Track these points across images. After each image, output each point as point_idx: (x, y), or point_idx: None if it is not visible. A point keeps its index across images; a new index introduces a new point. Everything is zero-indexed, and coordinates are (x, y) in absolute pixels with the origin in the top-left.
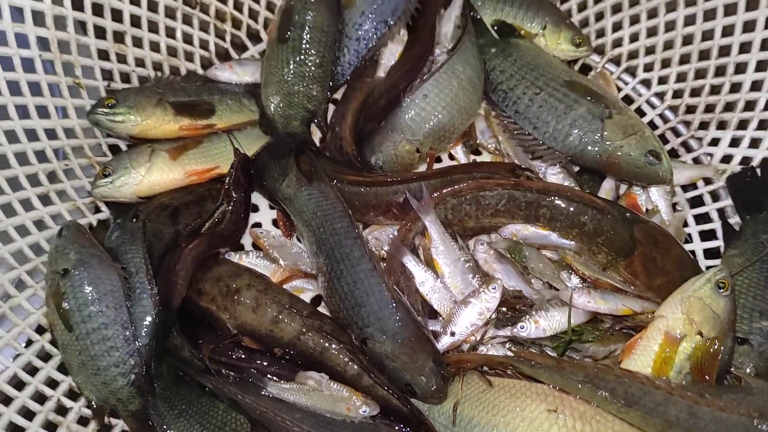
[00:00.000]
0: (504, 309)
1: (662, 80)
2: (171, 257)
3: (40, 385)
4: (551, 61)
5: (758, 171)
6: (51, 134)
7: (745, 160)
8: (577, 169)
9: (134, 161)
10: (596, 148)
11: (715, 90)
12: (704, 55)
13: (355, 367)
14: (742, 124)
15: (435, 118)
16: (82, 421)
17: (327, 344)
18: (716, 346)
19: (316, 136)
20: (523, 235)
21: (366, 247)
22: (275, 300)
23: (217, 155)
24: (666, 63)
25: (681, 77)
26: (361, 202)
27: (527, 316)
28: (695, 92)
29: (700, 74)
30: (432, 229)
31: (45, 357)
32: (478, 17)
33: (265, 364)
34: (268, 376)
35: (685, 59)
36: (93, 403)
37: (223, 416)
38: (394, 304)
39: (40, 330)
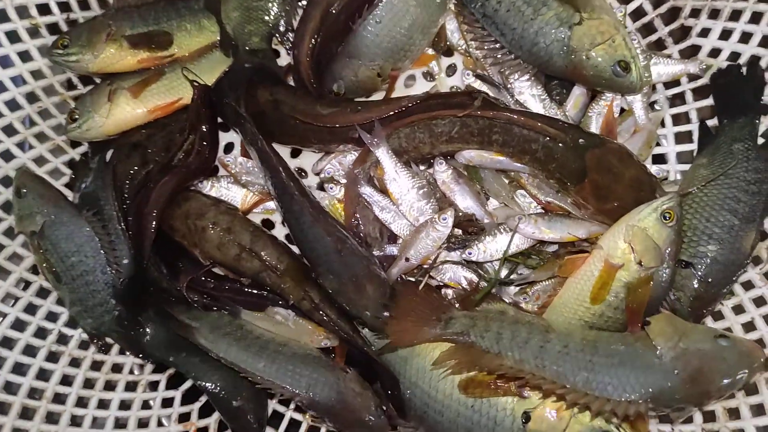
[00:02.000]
0: (458, 230)
1: None
2: (140, 200)
3: (42, 321)
4: None
5: (744, 70)
6: (18, 81)
7: (734, 56)
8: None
9: (95, 104)
10: (562, 58)
11: None
12: None
13: (307, 304)
14: (735, 15)
15: (391, 40)
16: (84, 345)
17: (282, 283)
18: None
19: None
20: (478, 160)
21: (304, 200)
22: (236, 240)
23: (179, 86)
24: None
25: None
26: (317, 138)
27: (476, 242)
28: None
29: None
30: (384, 161)
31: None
32: None
33: (236, 293)
34: (241, 304)
35: None
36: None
37: None
38: (338, 249)
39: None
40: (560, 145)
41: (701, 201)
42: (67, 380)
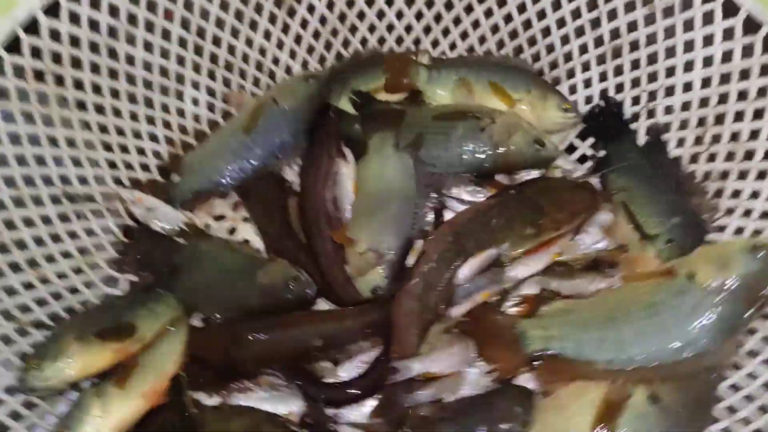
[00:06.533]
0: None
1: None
2: None
3: None
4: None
5: (601, 104)
6: None
7: (588, 99)
8: None
9: (83, 410)
10: (490, 156)
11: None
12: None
13: None
14: (570, 73)
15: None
16: None
17: None
18: None
19: None
20: (476, 268)
21: None
22: None
23: (158, 362)
24: None
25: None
26: None
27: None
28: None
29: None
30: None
31: None
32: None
33: None
34: None
35: None
36: None
37: None
38: None
39: None
40: (509, 208)
41: (641, 197)
42: None
